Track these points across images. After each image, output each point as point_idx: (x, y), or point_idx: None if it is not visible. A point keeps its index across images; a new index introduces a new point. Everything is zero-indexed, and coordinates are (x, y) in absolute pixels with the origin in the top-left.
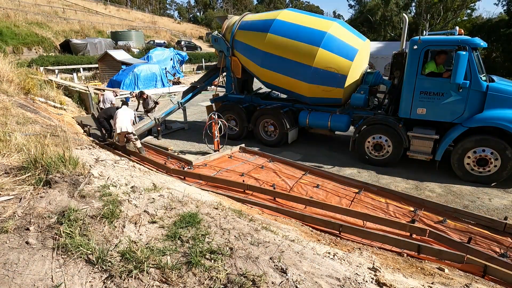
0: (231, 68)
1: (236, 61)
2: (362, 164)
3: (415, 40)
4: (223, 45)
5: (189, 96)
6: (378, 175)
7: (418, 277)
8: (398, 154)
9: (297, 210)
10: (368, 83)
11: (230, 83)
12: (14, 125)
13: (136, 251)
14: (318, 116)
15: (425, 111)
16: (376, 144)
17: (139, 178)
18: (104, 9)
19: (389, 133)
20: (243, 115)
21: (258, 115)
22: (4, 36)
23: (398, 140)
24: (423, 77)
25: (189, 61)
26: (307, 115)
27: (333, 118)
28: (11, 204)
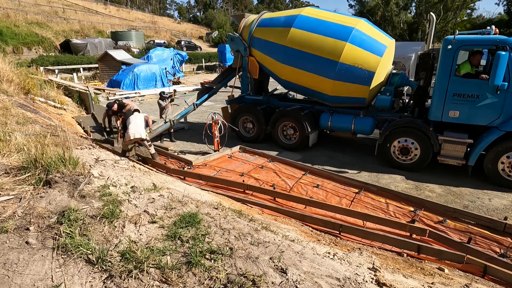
0: (248, 68)
1: (253, 61)
2: (362, 164)
3: (449, 39)
4: (239, 45)
5: (205, 97)
6: (378, 175)
7: (418, 277)
8: (427, 159)
9: (297, 210)
10: (394, 84)
11: (246, 84)
12: (14, 125)
13: (136, 251)
14: (341, 118)
15: (458, 113)
16: (403, 148)
17: (139, 178)
18: (104, 9)
19: (417, 137)
20: (261, 117)
21: (277, 117)
22: (4, 36)
23: (428, 144)
24: (457, 78)
25: (189, 61)
26: (329, 118)
27: (357, 121)
28: (11, 204)
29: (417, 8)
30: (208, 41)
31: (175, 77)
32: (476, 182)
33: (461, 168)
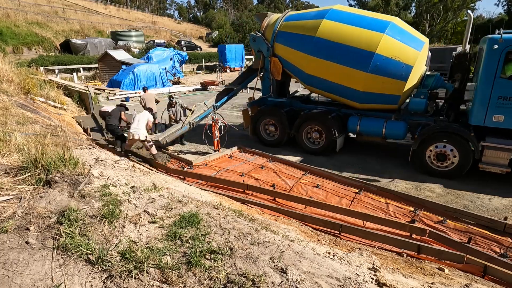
0: (270, 69)
1: (276, 62)
2: (361, 164)
3: (495, 39)
4: (262, 45)
5: (224, 99)
6: (378, 175)
7: (418, 277)
8: (466, 166)
9: (297, 210)
10: (428, 87)
11: (268, 86)
12: (14, 125)
13: (136, 251)
14: (372, 122)
15: (503, 118)
16: (439, 154)
17: (139, 178)
18: (104, 9)
19: (456, 142)
20: (285, 120)
21: (302, 120)
22: (4, 36)
23: (467, 150)
24: (504, 80)
25: (189, 61)
26: (358, 121)
27: (389, 125)
28: (11, 204)
29: (417, 8)
30: (208, 41)
31: (175, 77)
32: (476, 182)
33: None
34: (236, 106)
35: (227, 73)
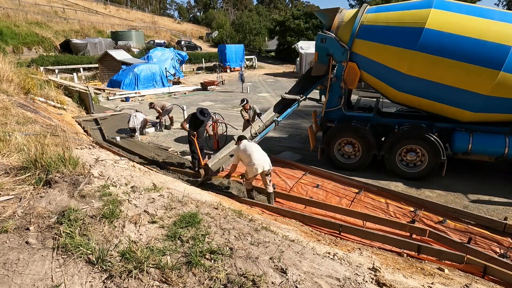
0: (344, 76)
1: (353, 67)
2: None
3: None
4: (335, 48)
5: (288, 112)
6: (378, 175)
7: (418, 277)
8: None
9: (297, 210)
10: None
11: (338, 96)
12: (14, 125)
13: (136, 251)
14: (488, 139)
15: None
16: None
17: (139, 178)
18: (104, 9)
19: None
20: (371, 139)
21: (397, 139)
22: (4, 36)
23: None
24: None
25: (189, 61)
26: (469, 138)
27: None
28: (11, 204)
29: None
30: (208, 41)
31: (175, 77)
32: (476, 182)
33: (461, 169)
34: (236, 106)
35: (227, 73)
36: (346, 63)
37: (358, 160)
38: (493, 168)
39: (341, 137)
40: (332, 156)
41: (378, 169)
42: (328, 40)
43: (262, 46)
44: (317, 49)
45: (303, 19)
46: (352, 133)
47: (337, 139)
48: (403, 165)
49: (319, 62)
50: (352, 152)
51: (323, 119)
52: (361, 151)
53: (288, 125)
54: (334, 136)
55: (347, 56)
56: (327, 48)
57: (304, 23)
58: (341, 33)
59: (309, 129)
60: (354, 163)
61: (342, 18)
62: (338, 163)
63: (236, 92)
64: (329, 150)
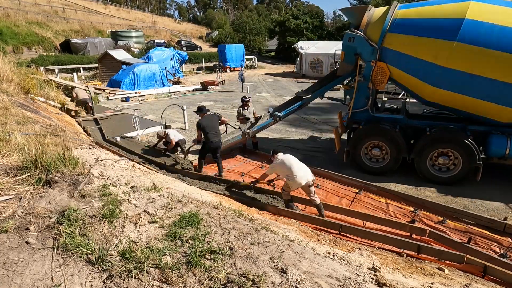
0: (372, 76)
1: (383, 67)
2: None
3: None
4: (363, 46)
5: (291, 109)
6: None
7: (418, 277)
8: None
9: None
10: None
11: (364, 97)
12: (14, 125)
13: (136, 251)
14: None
15: None
16: None
17: (139, 178)
18: (104, 9)
19: None
20: (401, 142)
21: (429, 142)
22: (4, 36)
23: None
24: None
25: (189, 61)
26: (507, 142)
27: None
28: (11, 204)
29: None
30: (208, 41)
31: (175, 77)
32: (476, 182)
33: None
34: (236, 106)
35: (227, 73)
36: (375, 63)
37: (387, 163)
38: (493, 168)
39: (369, 140)
40: (358, 159)
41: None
42: (356, 39)
43: (262, 46)
44: (344, 48)
45: (303, 19)
46: (381, 136)
47: (364, 142)
48: (435, 170)
49: (345, 61)
50: (380, 155)
51: (350, 121)
52: (390, 155)
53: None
54: (361, 138)
55: (376, 56)
56: (355, 47)
57: (304, 23)
58: (370, 32)
59: (334, 130)
60: (382, 167)
61: (371, 16)
62: (365, 166)
63: (236, 92)
64: (355, 153)
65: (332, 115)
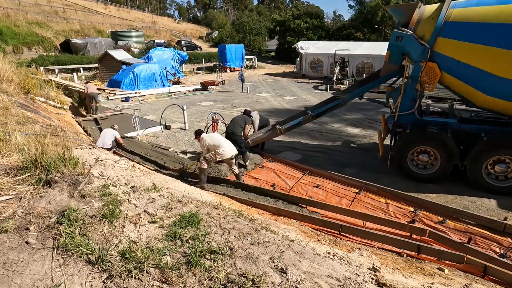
0: (421, 78)
1: (433, 68)
2: (361, 164)
3: None
4: (413, 46)
5: (325, 108)
6: (378, 175)
7: (418, 277)
8: None
9: (297, 210)
10: None
11: (411, 99)
12: (14, 125)
13: (136, 251)
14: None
15: None
16: None
17: (139, 178)
18: (104, 9)
19: None
20: (453, 147)
21: (486, 148)
22: (4, 36)
23: None
24: None
25: (189, 61)
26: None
27: None
28: (11, 204)
29: None
30: (208, 41)
31: (175, 77)
32: None
33: (461, 169)
34: (236, 106)
35: (227, 73)
36: (425, 63)
37: (436, 170)
38: None
39: (417, 144)
40: (404, 165)
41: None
42: (405, 37)
43: (262, 46)
44: (390, 48)
45: (303, 19)
46: (430, 141)
47: (411, 147)
48: (491, 178)
49: (390, 62)
50: (428, 161)
51: (395, 124)
52: (440, 161)
53: None
54: (408, 143)
55: (427, 56)
56: (402, 47)
57: (304, 23)
58: (420, 30)
59: (378, 134)
60: (431, 173)
61: (422, 14)
62: (411, 172)
63: (236, 92)
64: (401, 159)
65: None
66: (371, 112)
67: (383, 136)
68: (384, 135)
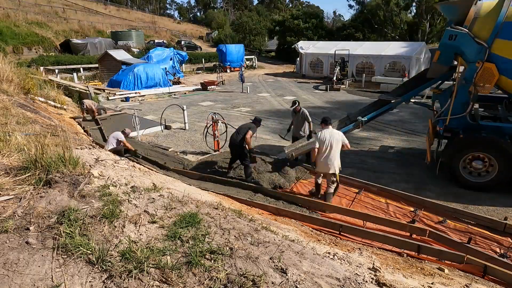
0: (475, 79)
1: (491, 69)
2: (361, 164)
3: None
4: (468, 45)
5: (375, 113)
6: (378, 175)
7: (418, 277)
8: None
9: (297, 210)
10: None
11: (463, 102)
12: (14, 125)
13: (136, 251)
14: None
15: None
16: None
17: (139, 178)
18: (104, 9)
19: None
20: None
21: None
22: (4, 36)
23: None
24: None
25: (189, 61)
26: None
27: None
28: (11, 204)
29: (418, 8)
30: (208, 41)
31: (175, 77)
32: None
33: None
34: (236, 106)
35: (227, 73)
36: (481, 64)
37: (492, 178)
38: None
39: (470, 151)
40: (456, 172)
41: (378, 169)
42: (459, 36)
43: (262, 46)
44: (440, 47)
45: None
46: (487, 147)
47: (464, 153)
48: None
49: (439, 62)
50: (482, 168)
51: (447, 128)
52: (497, 168)
53: None
54: (461, 149)
55: (484, 56)
56: (456, 46)
57: (303, 23)
58: (477, 29)
59: (426, 139)
60: (486, 181)
61: (478, 11)
62: (463, 180)
63: (236, 92)
64: (452, 165)
65: None
66: None
67: (430, 141)
68: (432, 140)
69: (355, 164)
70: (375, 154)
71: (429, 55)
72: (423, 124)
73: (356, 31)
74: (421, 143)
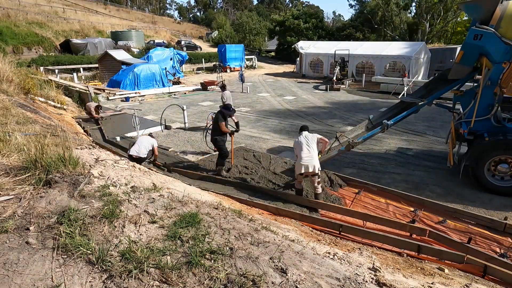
0: (501, 81)
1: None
2: (361, 164)
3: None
4: (494, 45)
5: (400, 116)
6: (378, 175)
7: (418, 277)
8: None
9: (297, 210)
10: None
11: (488, 104)
12: (14, 125)
13: (136, 251)
14: None
15: None
16: None
17: (139, 178)
18: (104, 9)
19: None
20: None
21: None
22: (4, 36)
23: None
24: None
25: (189, 61)
26: None
27: None
28: (11, 204)
29: (417, 8)
30: (208, 41)
31: (175, 77)
32: None
33: None
34: (236, 106)
35: (227, 73)
36: (508, 64)
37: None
38: None
39: (496, 154)
40: (480, 176)
41: (378, 169)
42: (485, 36)
43: (262, 46)
44: (464, 47)
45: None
46: None
47: (489, 157)
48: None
49: (461, 63)
50: (508, 172)
51: (471, 131)
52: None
53: None
54: (487, 152)
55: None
56: (481, 46)
57: (303, 23)
58: (504, 28)
59: (449, 142)
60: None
61: (504, 10)
62: (488, 184)
63: (236, 92)
64: (477, 169)
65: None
66: (372, 112)
67: (453, 143)
68: (454, 143)
69: (355, 164)
70: (375, 154)
71: (429, 55)
72: (424, 124)
73: (356, 31)
74: (422, 143)
